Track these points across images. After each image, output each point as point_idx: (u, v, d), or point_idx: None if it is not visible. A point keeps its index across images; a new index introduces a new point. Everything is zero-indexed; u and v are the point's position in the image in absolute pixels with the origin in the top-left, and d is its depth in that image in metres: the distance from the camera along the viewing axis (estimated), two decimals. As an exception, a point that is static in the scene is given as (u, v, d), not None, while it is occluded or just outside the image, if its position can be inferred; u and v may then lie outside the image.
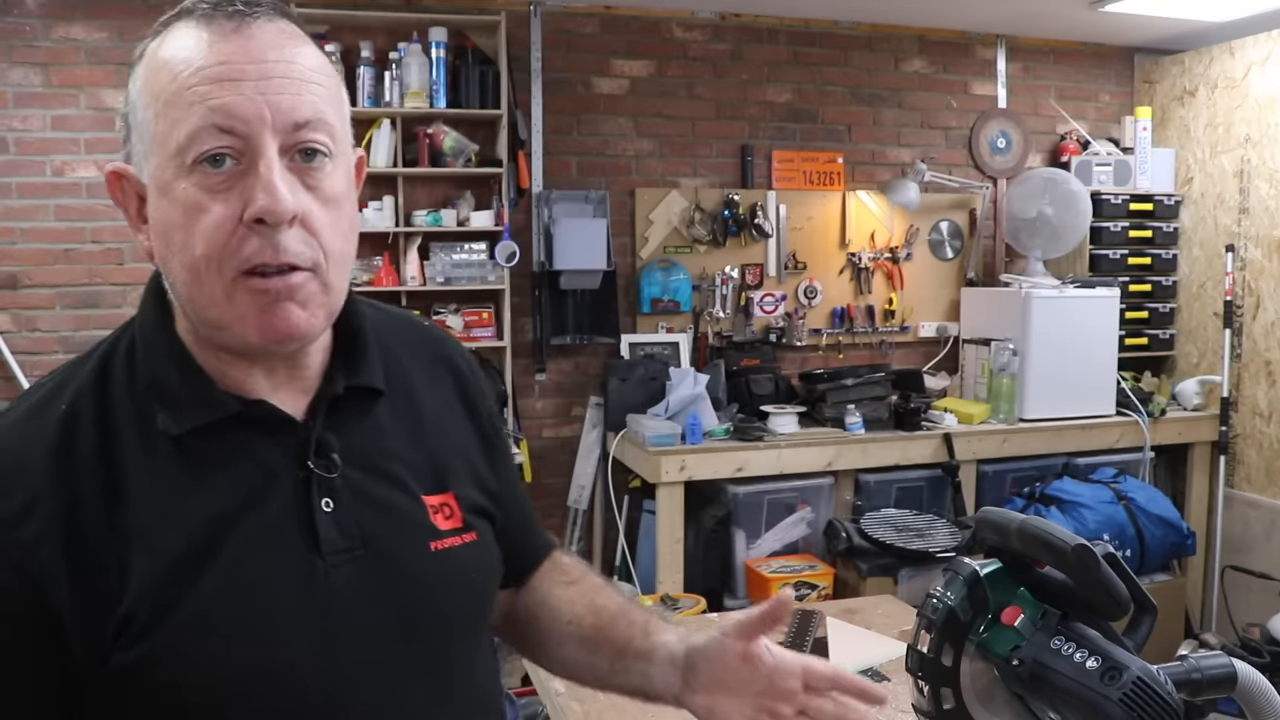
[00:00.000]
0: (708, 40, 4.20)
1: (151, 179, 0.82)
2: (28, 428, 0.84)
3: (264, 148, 0.79)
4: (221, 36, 0.80)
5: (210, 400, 0.86)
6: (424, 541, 0.93)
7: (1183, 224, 4.48)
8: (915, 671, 0.91)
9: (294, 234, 0.81)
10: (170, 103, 0.80)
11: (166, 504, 0.82)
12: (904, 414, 3.86)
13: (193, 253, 0.81)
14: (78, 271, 3.59)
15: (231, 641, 0.81)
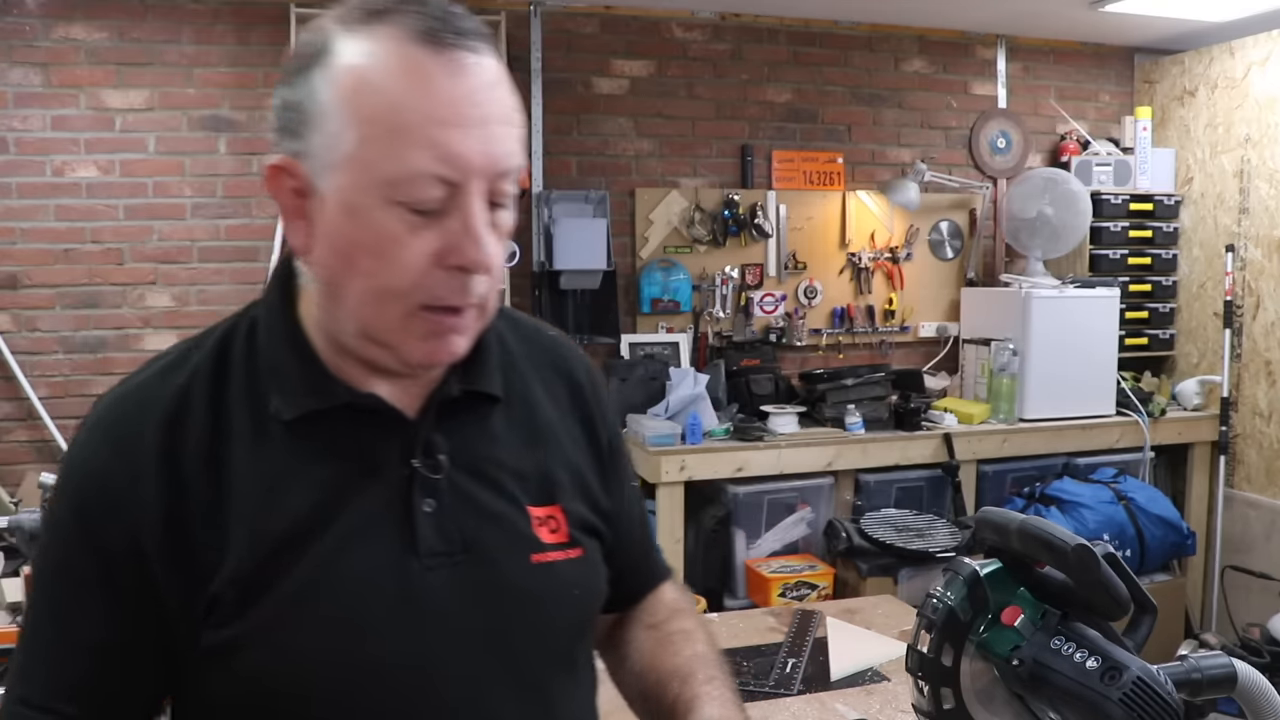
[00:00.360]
0: (708, 40, 4.20)
1: (337, 192, 0.81)
2: (146, 395, 0.86)
3: (472, 195, 0.80)
4: (445, 73, 0.78)
5: (324, 389, 0.86)
6: (525, 553, 0.92)
7: (1183, 224, 4.48)
8: (915, 671, 0.91)
9: (482, 278, 0.83)
10: (389, 135, 0.78)
11: (269, 488, 0.83)
12: (904, 414, 3.86)
13: (381, 281, 0.81)
14: (78, 271, 3.59)
15: (319, 632, 0.82)
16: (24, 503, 3.13)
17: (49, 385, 3.58)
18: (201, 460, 0.83)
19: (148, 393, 0.86)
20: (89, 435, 0.86)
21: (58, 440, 3.50)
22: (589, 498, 0.99)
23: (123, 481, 0.82)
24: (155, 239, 3.65)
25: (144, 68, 3.60)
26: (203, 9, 3.64)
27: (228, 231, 3.72)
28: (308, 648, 0.81)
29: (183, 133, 3.65)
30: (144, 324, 3.66)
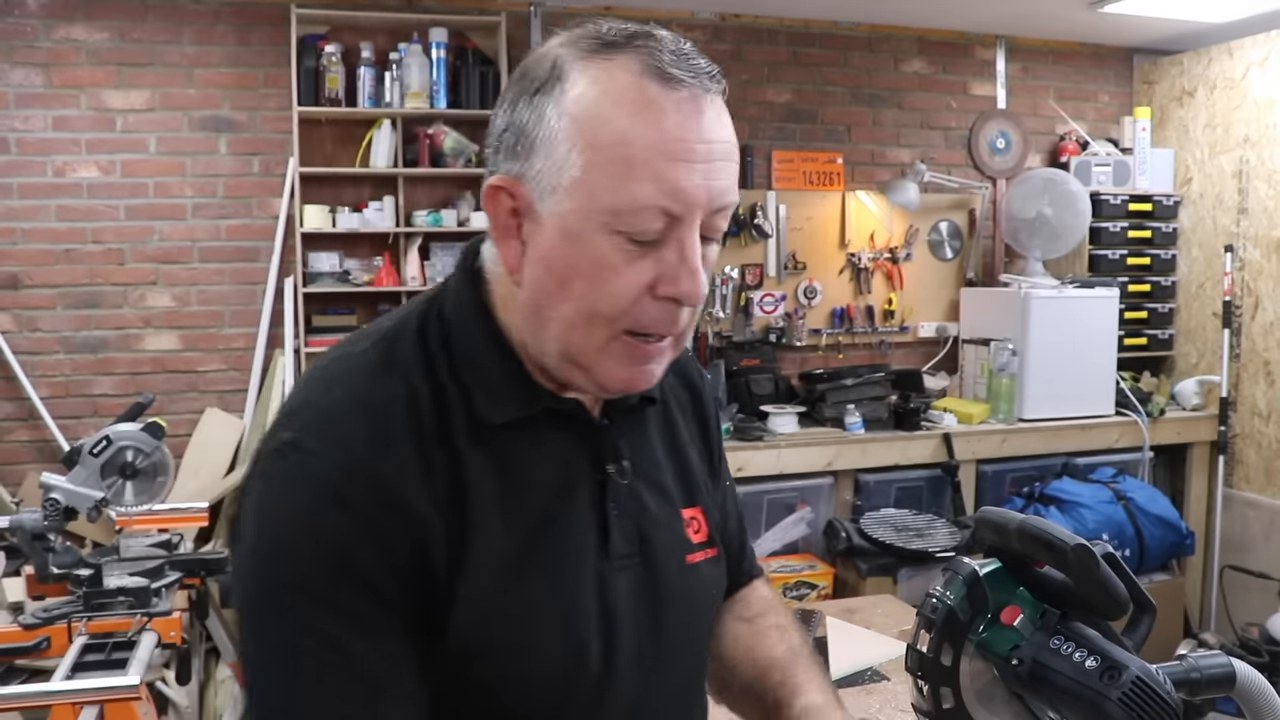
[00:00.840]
0: (708, 41, 4.20)
1: (558, 217, 0.81)
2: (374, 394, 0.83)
3: (691, 228, 0.81)
4: (676, 109, 0.79)
5: (530, 394, 0.87)
6: (681, 555, 0.95)
7: (1182, 224, 4.48)
8: (915, 671, 0.92)
9: (688, 310, 0.84)
10: (618, 165, 0.78)
11: (497, 494, 0.84)
12: (904, 414, 3.86)
13: (592, 305, 0.81)
14: (78, 271, 3.59)
15: (544, 636, 0.84)
16: (25, 503, 3.13)
17: (50, 385, 3.58)
18: (446, 461, 0.83)
19: (371, 389, 0.83)
20: (323, 439, 0.80)
21: (59, 440, 3.51)
22: (713, 497, 1.03)
23: (397, 477, 0.79)
24: (156, 239, 3.65)
25: (145, 68, 3.60)
26: (203, 10, 3.64)
27: (228, 231, 3.72)
28: (536, 651, 0.84)
29: (183, 133, 3.65)
30: (144, 324, 3.67)
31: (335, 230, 3.69)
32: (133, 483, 2.59)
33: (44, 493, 2.45)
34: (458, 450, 0.83)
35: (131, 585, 2.31)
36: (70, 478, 2.49)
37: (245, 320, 3.74)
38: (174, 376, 3.69)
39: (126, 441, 2.57)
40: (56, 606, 2.29)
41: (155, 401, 3.01)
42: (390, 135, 3.69)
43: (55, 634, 2.24)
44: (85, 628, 2.20)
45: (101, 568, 2.34)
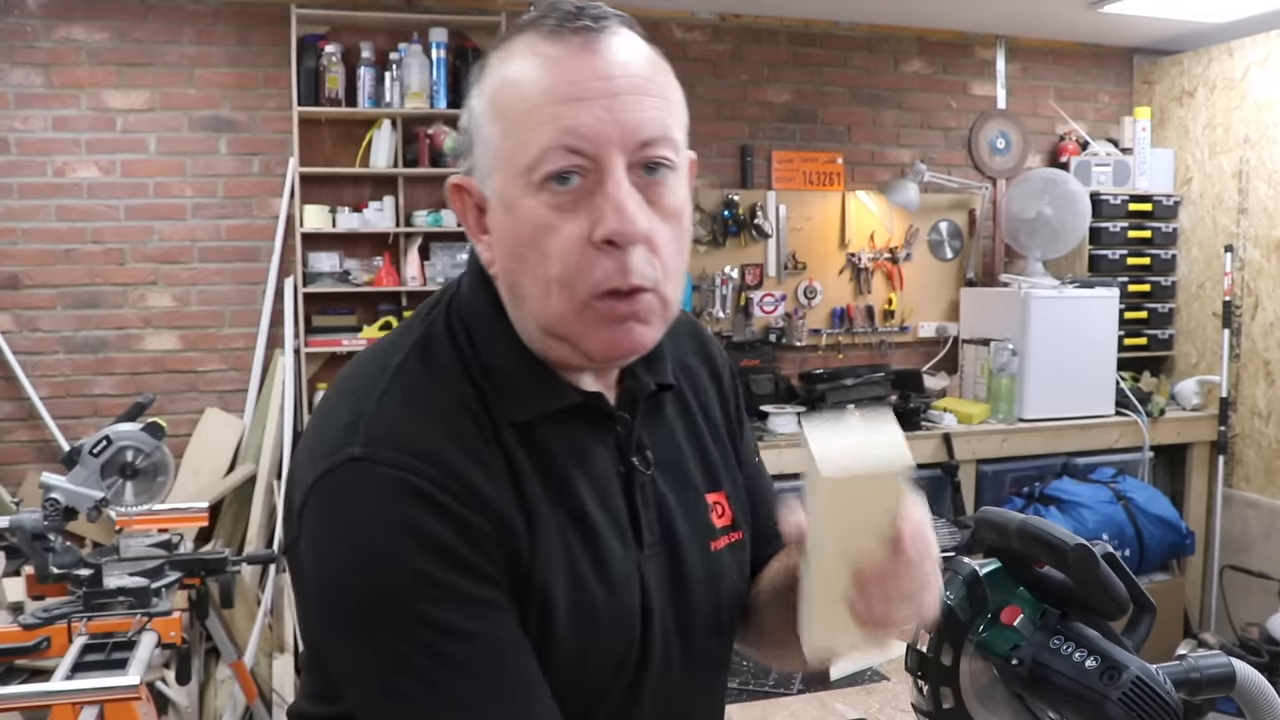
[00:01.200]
0: (708, 41, 4.20)
1: (496, 194, 0.83)
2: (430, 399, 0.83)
3: (612, 166, 0.79)
4: (569, 54, 0.80)
5: (555, 391, 0.87)
6: (705, 541, 0.96)
7: (1182, 224, 4.48)
8: (915, 671, 0.92)
9: (640, 254, 0.81)
10: (519, 122, 0.80)
11: (543, 490, 0.85)
12: (903, 414, 3.86)
13: (546, 271, 0.81)
14: (78, 272, 3.59)
15: (601, 633, 0.86)
16: (25, 503, 3.13)
17: (50, 385, 3.58)
18: (503, 460, 0.83)
19: (434, 397, 0.84)
20: (403, 453, 0.79)
21: (59, 440, 3.51)
22: (738, 480, 1.03)
23: (478, 476, 0.80)
24: (156, 239, 3.65)
25: (145, 68, 3.60)
26: (203, 10, 3.64)
27: (228, 232, 3.72)
28: (590, 646, 0.86)
29: (183, 133, 3.65)
30: (145, 324, 3.66)
31: (335, 230, 3.69)
32: (133, 483, 2.59)
33: (44, 493, 2.45)
34: (508, 449, 0.84)
35: (131, 585, 2.30)
36: (70, 478, 2.48)
37: (245, 320, 3.73)
38: (174, 376, 3.69)
39: (126, 441, 2.57)
40: (56, 606, 2.29)
41: (155, 401, 3.01)
42: (390, 135, 3.69)
43: (55, 634, 2.23)
44: (85, 628, 2.20)
45: (101, 568, 2.34)
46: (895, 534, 0.75)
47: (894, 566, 0.76)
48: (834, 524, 0.76)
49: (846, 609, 0.77)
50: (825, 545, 0.76)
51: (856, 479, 0.74)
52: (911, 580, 0.77)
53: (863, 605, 0.76)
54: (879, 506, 0.75)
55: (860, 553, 0.76)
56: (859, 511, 0.75)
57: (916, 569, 0.77)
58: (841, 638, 0.79)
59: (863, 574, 0.76)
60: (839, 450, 0.74)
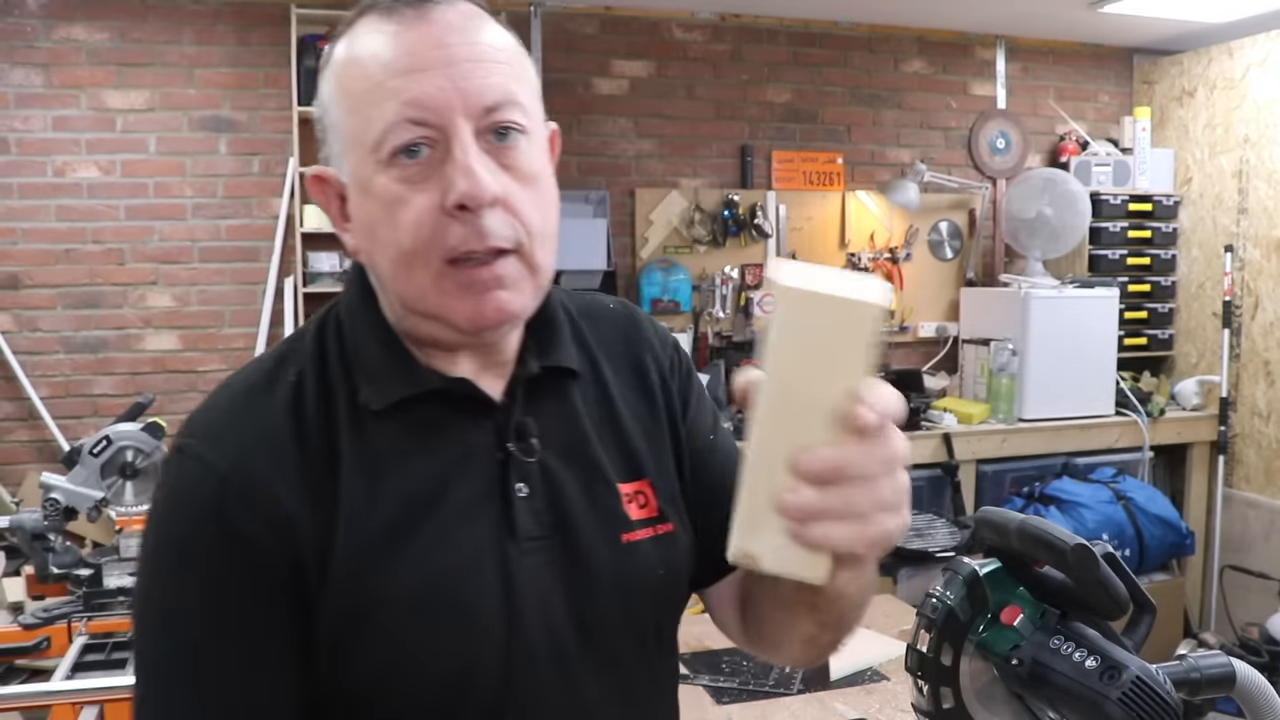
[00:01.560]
0: (707, 41, 4.20)
1: (351, 177, 0.83)
2: (263, 394, 0.85)
3: (458, 133, 0.79)
4: (406, 26, 0.81)
5: (412, 376, 0.86)
6: (616, 532, 0.90)
7: (1182, 224, 4.48)
8: (915, 671, 0.92)
9: (496, 216, 0.80)
10: (362, 99, 0.81)
11: (369, 480, 0.83)
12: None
13: (399, 246, 0.80)
14: (78, 271, 3.59)
15: (426, 624, 0.82)
16: (25, 503, 3.13)
17: (50, 385, 3.58)
18: (321, 456, 0.83)
19: (263, 393, 0.85)
20: (208, 441, 0.82)
21: (59, 440, 3.51)
22: (669, 470, 0.97)
23: (272, 475, 0.80)
24: (156, 239, 3.65)
25: (145, 68, 3.60)
26: (203, 10, 3.64)
27: (228, 231, 3.72)
28: (417, 641, 0.82)
29: (183, 133, 3.65)
30: (145, 324, 3.66)
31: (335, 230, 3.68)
32: (133, 483, 2.59)
33: (44, 493, 2.45)
34: (337, 442, 0.84)
35: (131, 585, 2.30)
36: (70, 478, 2.49)
37: (245, 320, 3.74)
38: (174, 376, 3.69)
39: (126, 441, 2.57)
40: (56, 606, 2.29)
41: (155, 401, 3.01)
42: (390, 135, 3.68)
43: (55, 634, 2.23)
44: (85, 628, 2.20)
45: (101, 568, 2.34)
46: (852, 407, 0.62)
47: (841, 458, 0.63)
48: (784, 365, 0.63)
49: (773, 504, 0.63)
50: (769, 400, 0.63)
51: (819, 297, 0.61)
52: (862, 484, 0.64)
53: (794, 505, 0.63)
54: (842, 352, 0.62)
55: (809, 422, 0.62)
56: (816, 352, 0.62)
57: (871, 465, 0.64)
58: (763, 545, 0.65)
59: (801, 462, 0.63)
60: (808, 275, 0.63)
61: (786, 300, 0.62)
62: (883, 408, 0.63)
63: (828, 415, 0.62)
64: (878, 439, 0.64)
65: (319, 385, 0.86)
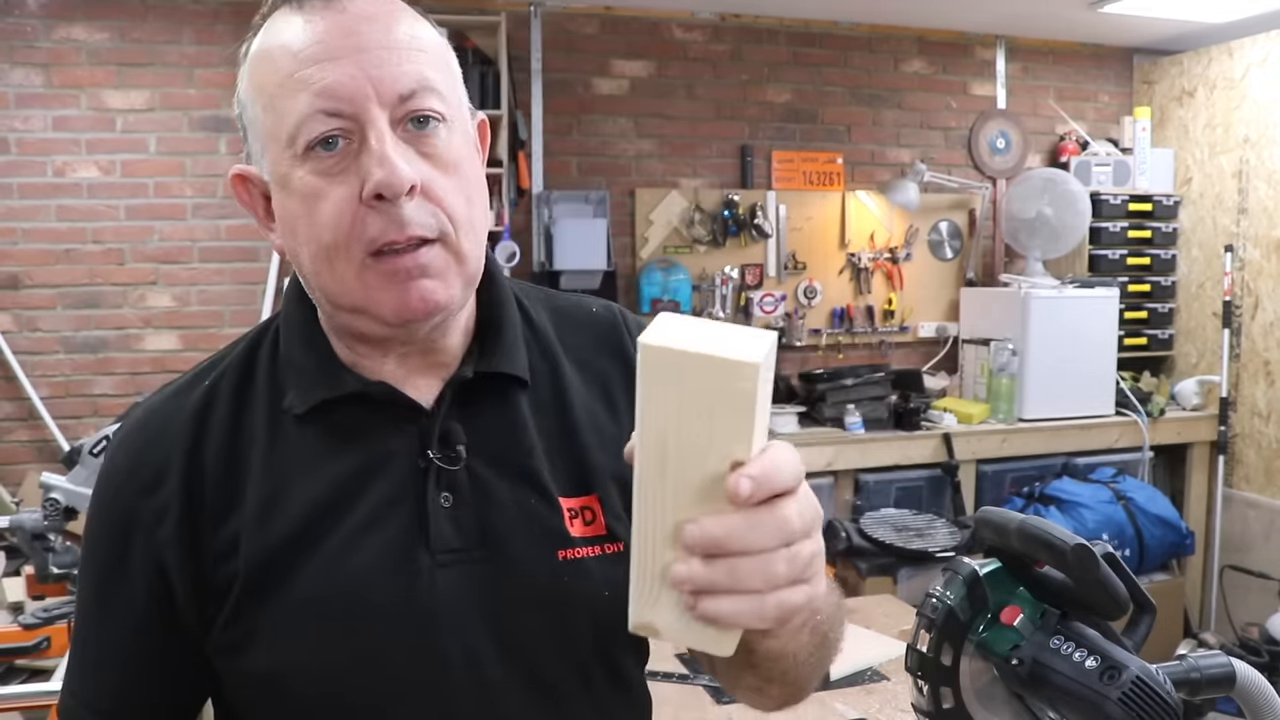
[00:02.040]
0: (707, 41, 4.20)
1: (271, 174, 0.82)
2: (176, 400, 0.89)
3: (373, 122, 0.77)
4: (315, 15, 0.79)
5: (334, 379, 0.85)
6: (551, 548, 0.85)
7: (1182, 224, 4.48)
8: (915, 671, 0.92)
9: (416, 205, 0.78)
10: (274, 94, 0.79)
11: (281, 486, 0.83)
12: (903, 414, 3.86)
13: (319, 241, 0.79)
14: (78, 271, 3.59)
15: (325, 634, 0.81)
16: (25, 503, 3.13)
17: (50, 385, 3.58)
18: (222, 460, 0.84)
19: (180, 394, 0.89)
20: (125, 434, 0.89)
21: (59, 440, 3.51)
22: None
23: (142, 485, 0.84)
24: (156, 239, 3.65)
25: (145, 68, 3.60)
26: (203, 9, 3.64)
27: (228, 232, 3.72)
28: (313, 648, 0.81)
29: (183, 133, 3.65)
30: (144, 324, 3.66)
31: (335, 230, 3.68)
32: (133, 483, 2.59)
33: (44, 493, 2.45)
34: (246, 448, 0.85)
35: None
36: (70, 478, 2.48)
37: (245, 320, 3.73)
38: (174, 376, 3.68)
39: (126, 441, 2.56)
40: (56, 606, 2.29)
41: (155, 401, 3.00)
42: (390, 135, 3.68)
43: (55, 634, 2.23)
44: (85, 628, 2.20)
45: (101, 568, 2.34)
46: (729, 476, 0.57)
47: (721, 532, 0.57)
48: (659, 430, 0.56)
49: (663, 577, 0.58)
50: (646, 468, 0.57)
51: (687, 356, 0.54)
52: (750, 558, 0.58)
53: (682, 578, 0.58)
54: (720, 416, 0.55)
55: (691, 492, 0.56)
56: (692, 416, 0.55)
57: (757, 538, 0.58)
58: (661, 617, 0.60)
59: (683, 535, 0.57)
60: (686, 331, 0.56)
61: (651, 360, 0.56)
62: (765, 475, 0.57)
63: (710, 483, 0.57)
64: (766, 509, 0.58)
65: (235, 392, 0.87)
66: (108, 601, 0.86)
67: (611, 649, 0.89)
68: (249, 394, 0.87)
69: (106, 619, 0.86)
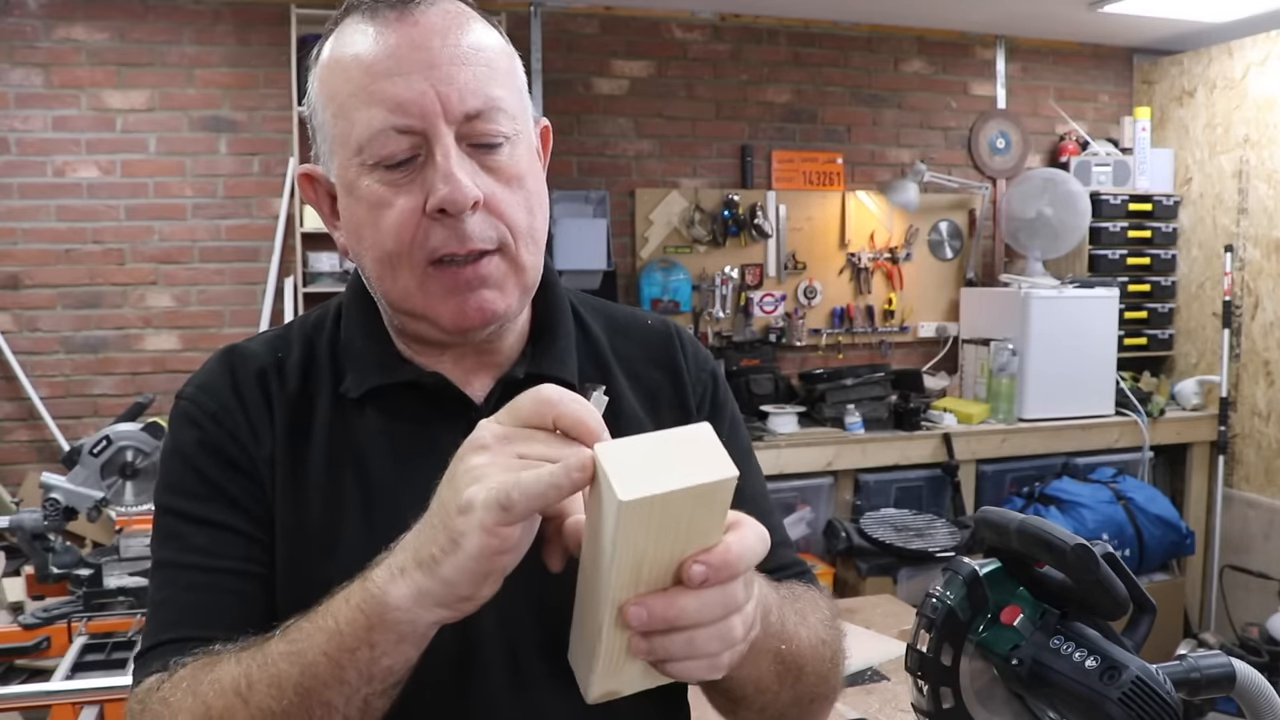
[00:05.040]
0: (707, 41, 4.20)
1: (339, 178, 0.84)
2: (255, 353, 0.90)
3: (440, 138, 0.79)
4: (387, 28, 0.80)
5: (390, 366, 0.88)
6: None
7: (1181, 224, 4.48)
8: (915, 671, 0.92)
9: (477, 219, 0.80)
10: (345, 103, 0.81)
11: (335, 463, 0.85)
12: (903, 414, 3.86)
13: (382, 248, 0.81)
14: (79, 271, 3.59)
15: None
16: (25, 503, 3.13)
17: (50, 385, 3.58)
18: (286, 431, 0.87)
19: (252, 353, 0.91)
20: (204, 371, 0.91)
21: (59, 440, 3.51)
22: None
23: (237, 405, 0.87)
24: (156, 239, 3.65)
25: (145, 68, 3.60)
26: (203, 10, 3.64)
27: (228, 232, 3.72)
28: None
29: (183, 133, 3.65)
30: (145, 324, 3.66)
31: (335, 230, 3.69)
32: (133, 483, 2.59)
33: (44, 493, 2.45)
34: (307, 418, 0.87)
35: (131, 585, 2.30)
36: (70, 478, 2.49)
37: (245, 320, 3.73)
38: (174, 376, 3.69)
39: (126, 441, 2.57)
40: (56, 606, 2.29)
41: (155, 401, 3.01)
42: (390, 135, 3.68)
43: (55, 634, 2.24)
44: (85, 628, 2.20)
45: (101, 568, 2.34)
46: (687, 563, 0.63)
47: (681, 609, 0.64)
48: (631, 551, 0.61)
49: (627, 654, 0.65)
50: (611, 582, 0.62)
51: (672, 496, 0.59)
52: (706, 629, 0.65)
53: (646, 650, 0.65)
54: (697, 525, 0.61)
55: (657, 582, 0.63)
56: (670, 534, 0.61)
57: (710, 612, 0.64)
58: (624, 682, 0.68)
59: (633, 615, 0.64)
60: (637, 463, 0.59)
61: (633, 513, 0.58)
62: (725, 564, 0.63)
63: (674, 573, 0.63)
64: (716, 589, 0.64)
65: (303, 362, 0.89)
66: (200, 519, 0.86)
67: None
68: (313, 373, 0.90)
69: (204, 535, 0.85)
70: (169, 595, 0.85)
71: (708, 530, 0.62)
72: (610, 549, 0.60)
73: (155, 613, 0.86)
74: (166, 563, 0.87)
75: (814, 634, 0.90)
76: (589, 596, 0.66)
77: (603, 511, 0.60)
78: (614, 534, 0.59)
